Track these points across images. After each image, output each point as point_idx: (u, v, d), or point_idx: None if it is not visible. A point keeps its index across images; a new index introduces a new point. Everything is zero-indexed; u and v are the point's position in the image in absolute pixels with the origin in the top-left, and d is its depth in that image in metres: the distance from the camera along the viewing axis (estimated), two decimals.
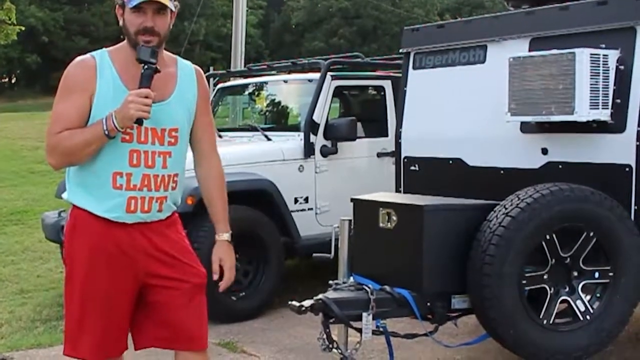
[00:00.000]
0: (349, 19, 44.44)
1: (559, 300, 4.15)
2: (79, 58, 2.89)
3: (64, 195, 2.97)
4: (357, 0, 43.75)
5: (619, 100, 4.26)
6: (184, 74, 2.97)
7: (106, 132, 2.73)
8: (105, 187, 2.81)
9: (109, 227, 2.83)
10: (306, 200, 6.37)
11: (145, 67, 2.76)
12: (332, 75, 6.62)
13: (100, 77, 2.80)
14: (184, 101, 2.93)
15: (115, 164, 2.80)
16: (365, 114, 7.21)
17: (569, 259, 4.14)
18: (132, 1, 2.77)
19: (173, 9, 2.85)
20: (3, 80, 42.62)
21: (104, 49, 2.91)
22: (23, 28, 21.22)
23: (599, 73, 4.21)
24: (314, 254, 5.38)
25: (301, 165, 6.35)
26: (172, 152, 2.89)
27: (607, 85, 4.25)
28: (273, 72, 7.74)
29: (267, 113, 7.64)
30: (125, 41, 2.89)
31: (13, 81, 42.81)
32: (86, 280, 2.84)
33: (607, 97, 4.25)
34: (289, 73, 7.53)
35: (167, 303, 2.90)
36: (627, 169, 4.22)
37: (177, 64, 2.97)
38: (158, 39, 2.81)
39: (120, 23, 2.86)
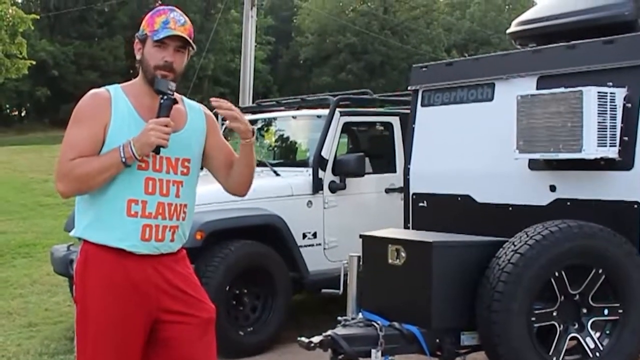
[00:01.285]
0: (357, 55, 44.70)
1: (569, 337, 4.15)
2: (93, 90, 2.94)
3: (72, 233, 2.97)
4: (364, 36, 44.05)
5: (626, 138, 4.30)
6: (192, 110, 3.04)
7: (123, 160, 2.76)
8: (119, 214, 2.82)
9: (122, 261, 2.83)
10: (314, 235, 6.37)
11: (165, 97, 2.83)
12: (340, 112, 6.66)
13: (115, 109, 2.85)
14: (195, 133, 3.00)
15: (131, 191, 2.83)
16: (374, 150, 7.25)
17: (578, 296, 4.15)
18: (157, 34, 2.84)
19: (194, 48, 2.93)
20: (13, 114, 42.87)
21: (116, 84, 2.97)
22: (34, 62, 21.39)
23: (606, 111, 4.25)
24: (323, 290, 5.39)
25: (310, 201, 6.37)
26: (184, 181, 2.93)
27: (615, 123, 4.29)
28: (282, 108, 7.80)
29: (275, 148, 7.67)
30: (137, 78, 2.95)
31: (23, 114, 43.07)
32: (100, 317, 2.82)
33: (615, 134, 4.29)
34: (297, 109, 7.59)
35: (177, 339, 2.90)
36: (635, 206, 4.24)
37: (183, 101, 3.04)
38: (174, 75, 2.88)
39: (138, 57, 2.92)
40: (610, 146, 4.28)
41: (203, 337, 2.95)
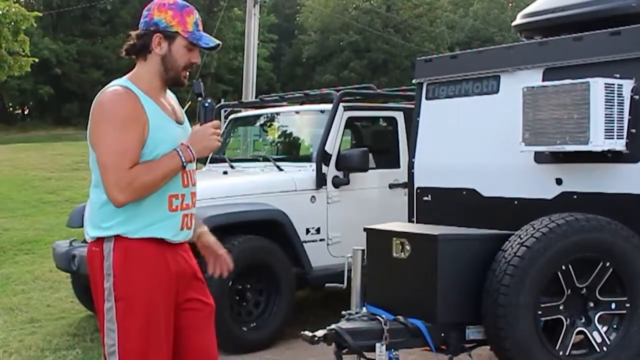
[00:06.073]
0: (360, 53, 44.66)
1: (575, 332, 4.10)
2: (117, 89, 2.80)
3: (98, 233, 2.82)
4: (367, 34, 44.01)
5: (634, 130, 4.25)
6: (176, 101, 3.07)
7: (184, 164, 2.81)
8: (161, 210, 2.83)
9: (163, 253, 2.84)
10: (318, 231, 6.34)
11: (208, 101, 2.90)
12: (344, 106, 6.62)
13: (148, 110, 2.80)
14: (186, 123, 3.05)
15: (171, 188, 2.85)
16: (377, 145, 7.21)
17: (585, 290, 4.10)
18: (201, 40, 2.88)
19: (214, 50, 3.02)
20: (16, 112, 42.88)
21: (124, 80, 2.86)
22: (37, 60, 21.36)
23: (613, 103, 4.20)
24: (327, 284, 5.35)
25: (313, 196, 6.33)
26: (195, 169, 3.02)
27: (622, 115, 4.24)
28: (285, 103, 7.77)
29: (278, 144, 7.65)
30: (143, 72, 2.87)
31: (26, 112, 43.06)
32: (150, 314, 2.79)
33: (622, 126, 4.24)
34: (301, 104, 7.55)
35: (191, 327, 2.92)
36: None
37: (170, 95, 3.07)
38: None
39: (159, 52, 2.84)
40: (618, 138, 4.22)
41: (211, 324, 3.02)
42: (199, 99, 2.90)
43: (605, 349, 4.09)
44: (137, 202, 2.78)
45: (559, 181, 4.57)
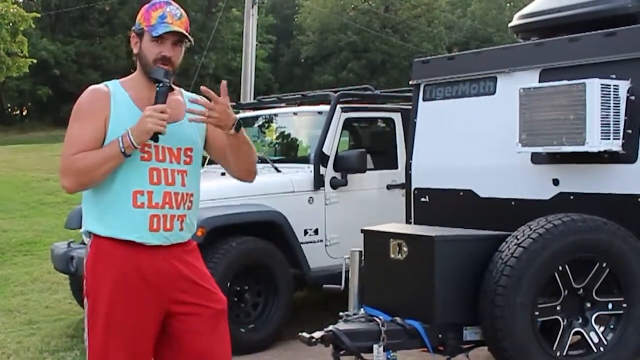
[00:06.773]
0: (358, 53, 44.61)
1: (572, 332, 4.11)
2: (91, 87, 2.95)
3: (81, 230, 2.95)
4: (365, 34, 43.99)
5: (630, 131, 4.26)
6: (181, 101, 3.04)
7: (122, 150, 2.75)
8: (125, 206, 2.81)
9: (133, 254, 2.81)
10: (316, 232, 6.35)
11: (161, 85, 2.83)
12: (341, 108, 6.63)
13: (114, 103, 2.85)
14: (195, 123, 2.98)
15: (135, 183, 2.82)
16: (375, 146, 7.22)
17: (582, 290, 4.12)
18: (155, 30, 2.85)
19: (191, 42, 2.94)
20: (14, 113, 42.85)
21: (114, 80, 2.98)
22: (35, 61, 21.40)
23: (609, 103, 4.22)
24: (324, 285, 5.36)
25: (311, 197, 6.34)
26: (188, 170, 2.94)
27: (618, 115, 4.25)
28: (283, 104, 7.77)
29: (276, 145, 7.66)
30: (135, 72, 2.97)
31: (24, 113, 43.02)
32: (110, 313, 2.80)
33: (618, 127, 4.26)
34: (298, 105, 7.56)
35: (191, 330, 2.89)
36: (638, 199, 4.20)
37: (182, 93, 3.06)
38: (172, 68, 2.90)
39: (135, 51, 2.93)
40: (614, 139, 4.24)
41: (216, 328, 2.96)
42: (155, 84, 2.84)
43: (602, 349, 4.11)
44: (102, 194, 2.83)
45: (555, 182, 4.58)
